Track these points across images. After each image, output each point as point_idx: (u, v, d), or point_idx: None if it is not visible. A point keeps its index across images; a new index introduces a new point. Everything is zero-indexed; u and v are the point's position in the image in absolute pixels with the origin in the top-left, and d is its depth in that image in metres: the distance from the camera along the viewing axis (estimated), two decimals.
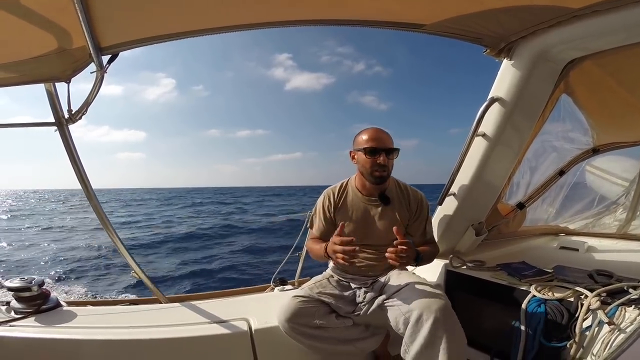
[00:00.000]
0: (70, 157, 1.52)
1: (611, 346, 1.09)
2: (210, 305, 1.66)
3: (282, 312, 1.40)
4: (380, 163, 1.44)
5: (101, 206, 1.62)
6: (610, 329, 1.13)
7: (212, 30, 1.35)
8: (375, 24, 1.37)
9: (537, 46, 1.45)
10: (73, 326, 1.42)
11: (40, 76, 1.35)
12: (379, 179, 1.48)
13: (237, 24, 1.34)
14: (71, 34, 1.15)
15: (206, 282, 7.24)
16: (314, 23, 1.37)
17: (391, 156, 1.47)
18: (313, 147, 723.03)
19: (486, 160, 1.68)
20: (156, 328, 1.42)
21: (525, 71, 1.51)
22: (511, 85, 1.54)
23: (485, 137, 1.65)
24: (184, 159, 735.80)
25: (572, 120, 2.15)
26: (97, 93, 1.39)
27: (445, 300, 1.27)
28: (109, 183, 47.72)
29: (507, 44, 1.48)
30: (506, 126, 1.61)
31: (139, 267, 1.74)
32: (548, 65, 1.54)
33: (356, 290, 1.56)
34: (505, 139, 1.65)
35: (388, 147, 1.46)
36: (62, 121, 1.45)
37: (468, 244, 1.93)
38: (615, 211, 2.71)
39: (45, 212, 29.44)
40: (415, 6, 1.28)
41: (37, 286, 1.53)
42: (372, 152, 1.44)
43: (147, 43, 1.34)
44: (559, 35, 1.36)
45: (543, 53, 1.47)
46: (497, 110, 1.60)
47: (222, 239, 12.87)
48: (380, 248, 1.52)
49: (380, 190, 1.55)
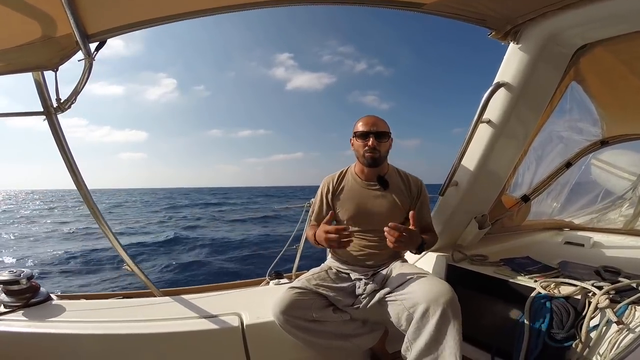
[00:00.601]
0: (60, 146, 1.48)
1: (619, 346, 1.04)
2: (204, 299, 1.63)
3: (277, 304, 1.35)
4: (370, 145, 1.45)
5: (92, 197, 1.58)
6: (619, 328, 1.08)
7: (201, 12, 1.28)
8: (372, 2, 1.30)
9: (546, 29, 1.37)
10: (63, 320, 1.38)
11: (27, 65, 1.31)
12: (370, 160, 1.48)
13: (227, 5, 1.27)
14: (56, 21, 1.11)
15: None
16: (308, 1, 1.30)
17: (382, 140, 1.48)
18: (314, 147, 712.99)
19: (491, 149, 1.61)
20: (147, 322, 1.39)
21: (534, 56, 1.43)
22: (518, 70, 1.47)
23: (490, 124, 1.58)
24: (185, 159, 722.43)
25: (581, 110, 2.07)
26: (86, 82, 1.36)
27: (452, 294, 1.21)
28: (111, 183, 47.02)
29: (514, 27, 1.40)
30: (512, 113, 1.54)
31: (132, 261, 1.72)
32: (557, 50, 1.46)
33: (356, 281, 1.51)
34: (510, 126, 1.58)
35: (378, 130, 1.47)
36: (50, 110, 1.42)
37: (470, 238, 1.87)
38: (622, 206, 2.64)
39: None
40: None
41: (25, 279, 1.49)
42: (362, 136, 1.48)
43: (135, 28, 1.29)
44: (571, 19, 1.28)
45: (552, 37, 1.39)
46: (503, 96, 1.52)
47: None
48: (382, 234, 1.45)
49: (378, 174, 1.54)
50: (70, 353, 1.30)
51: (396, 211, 1.50)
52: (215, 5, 1.26)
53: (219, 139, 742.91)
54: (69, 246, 10.54)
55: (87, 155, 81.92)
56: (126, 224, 17.29)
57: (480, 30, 1.45)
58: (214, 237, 11.74)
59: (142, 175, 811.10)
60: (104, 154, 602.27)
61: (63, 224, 17.54)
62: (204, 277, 6.75)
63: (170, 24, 1.33)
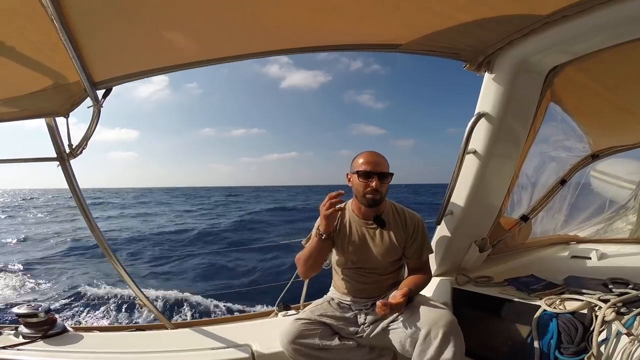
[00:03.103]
0: (73, 191, 1.58)
1: (632, 357, 1.02)
2: (214, 331, 1.67)
3: (285, 335, 1.41)
4: (373, 187, 1.43)
5: (104, 237, 1.67)
6: (630, 340, 1.07)
7: (197, 63, 1.40)
8: (354, 47, 1.41)
9: (515, 56, 1.45)
10: (79, 350, 1.46)
11: (40, 111, 1.42)
12: (371, 202, 1.47)
13: (222, 57, 1.40)
14: (65, 70, 1.21)
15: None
16: (294, 51, 1.42)
17: (385, 180, 1.47)
18: (309, 147, 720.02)
19: (481, 177, 1.63)
20: (161, 353, 1.46)
21: (508, 83, 1.50)
22: (496, 98, 1.52)
23: (476, 155, 1.60)
24: (178, 158, 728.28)
25: (565, 129, 2.14)
26: (95, 127, 1.45)
27: (450, 315, 1.28)
28: (102, 183, 45.55)
29: (486, 57, 1.49)
30: (497, 141, 1.57)
31: (144, 295, 1.78)
32: (530, 74, 1.54)
33: (357, 312, 1.53)
34: (497, 153, 1.61)
35: (381, 171, 1.46)
36: (63, 156, 1.52)
37: (473, 261, 1.86)
38: (626, 215, 2.63)
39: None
40: (391, 27, 1.31)
41: (43, 312, 1.59)
42: (365, 175, 1.44)
43: (138, 77, 1.40)
44: (535, 43, 1.36)
45: (522, 63, 1.47)
46: (485, 125, 1.56)
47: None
48: (377, 270, 1.54)
49: (375, 213, 1.54)
50: None
51: (392, 250, 1.51)
52: (209, 57, 1.37)
53: (212, 137, 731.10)
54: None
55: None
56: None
57: None
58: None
59: (134, 174, 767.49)
60: (94, 153, 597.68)
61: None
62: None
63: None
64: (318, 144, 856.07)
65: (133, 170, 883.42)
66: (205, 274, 8.60)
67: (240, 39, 1.31)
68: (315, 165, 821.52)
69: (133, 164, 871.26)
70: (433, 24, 1.24)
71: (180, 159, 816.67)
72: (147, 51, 1.31)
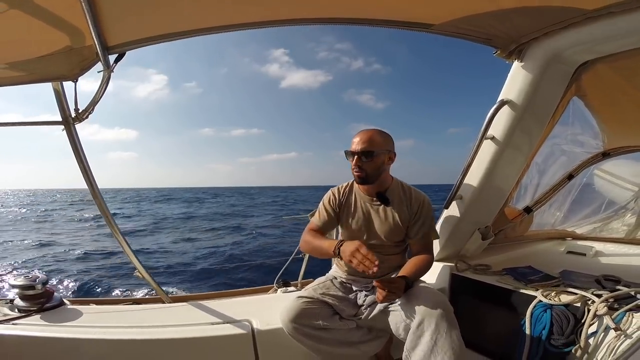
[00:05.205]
0: (77, 156, 1.52)
1: (616, 352, 1.08)
2: (212, 305, 1.65)
3: (286, 313, 1.39)
4: (353, 164, 1.46)
5: (106, 205, 1.62)
6: (617, 334, 1.12)
7: (216, 28, 1.33)
8: (381, 22, 1.34)
9: (549, 48, 1.43)
10: (76, 325, 1.42)
11: (48, 75, 1.35)
12: (357, 179, 1.49)
13: (242, 22, 1.32)
14: (79, 33, 1.16)
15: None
16: (317, 22, 1.35)
17: (367, 158, 1.44)
18: (308, 147, 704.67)
19: (495, 164, 1.66)
20: (158, 328, 1.42)
21: (537, 73, 1.48)
22: (522, 87, 1.52)
23: (494, 140, 1.63)
24: (177, 158, 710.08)
25: (582, 124, 2.12)
26: (104, 92, 1.40)
27: (447, 307, 1.25)
28: (101, 183, 46.81)
29: (518, 46, 1.46)
30: (516, 129, 1.59)
31: (142, 267, 1.74)
32: (560, 67, 1.52)
33: (357, 292, 1.55)
34: (514, 142, 1.63)
35: (363, 149, 1.44)
36: (69, 120, 1.45)
37: (474, 248, 1.91)
38: (624, 216, 2.67)
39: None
40: (424, 5, 1.25)
41: (41, 284, 1.53)
42: (350, 154, 1.48)
43: (153, 42, 1.33)
44: (572, 37, 1.33)
45: (555, 55, 1.45)
46: (507, 113, 1.57)
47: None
48: (382, 249, 1.53)
49: (377, 190, 1.54)
50: (84, 357, 1.33)
51: (396, 228, 1.51)
52: (228, 22, 1.31)
53: (211, 137, 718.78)
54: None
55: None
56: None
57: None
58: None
59: (133, 174, 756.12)
60: (93, 153, 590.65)
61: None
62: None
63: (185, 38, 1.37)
64: (317, 144, 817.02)
65: (132, 170, 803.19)
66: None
67: (265, 3, 1.24)
68: (314, 165, 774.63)
69: (132, 164, 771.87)
70: (472, 7, 1.19)
71: (179, 158, 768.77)
72: (165, 14, 1.23)
